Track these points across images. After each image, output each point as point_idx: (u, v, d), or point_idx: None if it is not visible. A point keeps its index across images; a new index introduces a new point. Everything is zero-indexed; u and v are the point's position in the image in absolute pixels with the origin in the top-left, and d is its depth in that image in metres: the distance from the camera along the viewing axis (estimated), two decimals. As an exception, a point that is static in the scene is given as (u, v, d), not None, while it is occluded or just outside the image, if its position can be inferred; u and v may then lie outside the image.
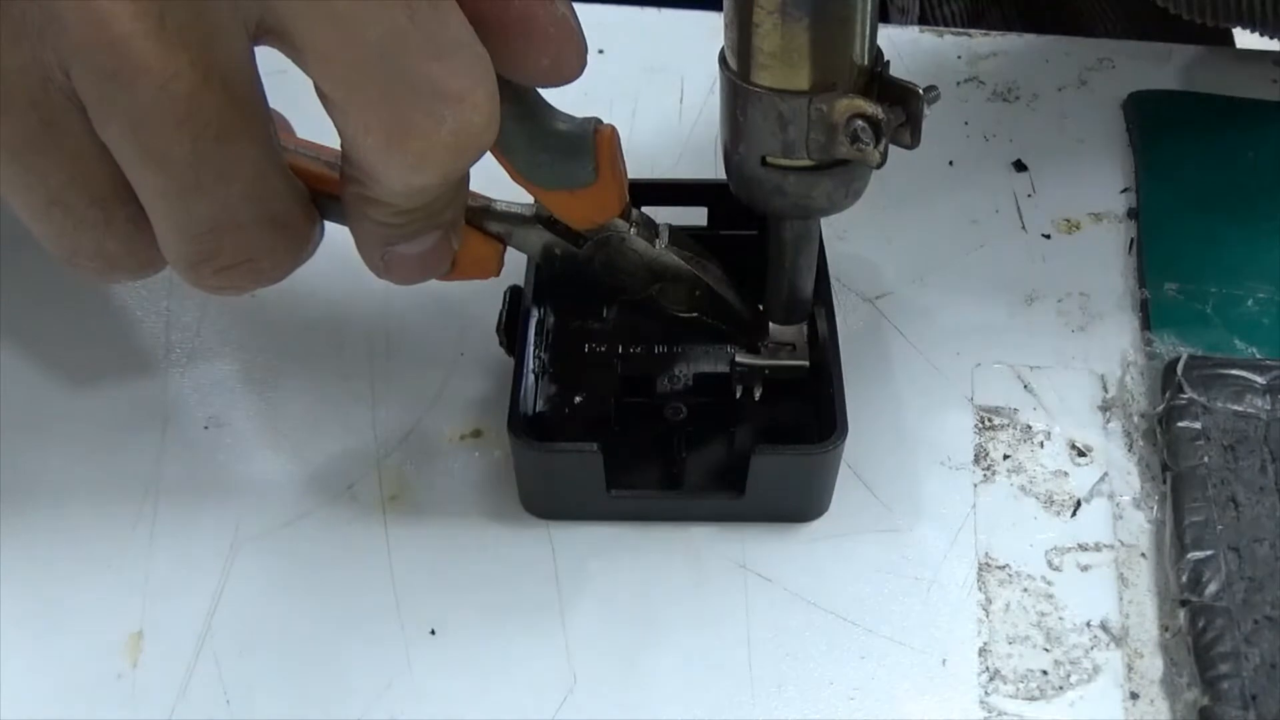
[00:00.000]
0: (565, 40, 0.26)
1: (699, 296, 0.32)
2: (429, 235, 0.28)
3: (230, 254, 0.26)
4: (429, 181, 0.26)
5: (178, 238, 0.26)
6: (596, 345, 0.35)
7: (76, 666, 0.29)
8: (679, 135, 0.43)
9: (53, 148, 0.24)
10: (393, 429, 0.34)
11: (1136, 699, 0.29)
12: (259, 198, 0.26)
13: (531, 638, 0.30)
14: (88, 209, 0.25)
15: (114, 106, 0.23)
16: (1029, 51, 0.46)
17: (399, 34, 0.23)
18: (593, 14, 0.47)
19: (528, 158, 0.28)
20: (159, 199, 0.25)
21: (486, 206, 0.31)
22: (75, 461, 0.33)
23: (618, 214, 0.30)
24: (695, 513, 0.32)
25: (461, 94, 0.24)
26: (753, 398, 0.33)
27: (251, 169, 0.25)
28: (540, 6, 0.25)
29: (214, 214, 0.25)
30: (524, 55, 0.26)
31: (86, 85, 0.23)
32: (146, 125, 0.24)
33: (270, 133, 0.26)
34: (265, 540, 0.32)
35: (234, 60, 0.24)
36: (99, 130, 0.24)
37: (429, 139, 0.25)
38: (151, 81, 0.23)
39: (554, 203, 0.30)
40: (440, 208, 0.28)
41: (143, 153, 0.24)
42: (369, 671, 0.29)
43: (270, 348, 0.36)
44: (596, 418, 0.33)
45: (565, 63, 0.26)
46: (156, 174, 0.25)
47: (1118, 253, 0.39)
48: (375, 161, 0.25)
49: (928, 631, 0.30)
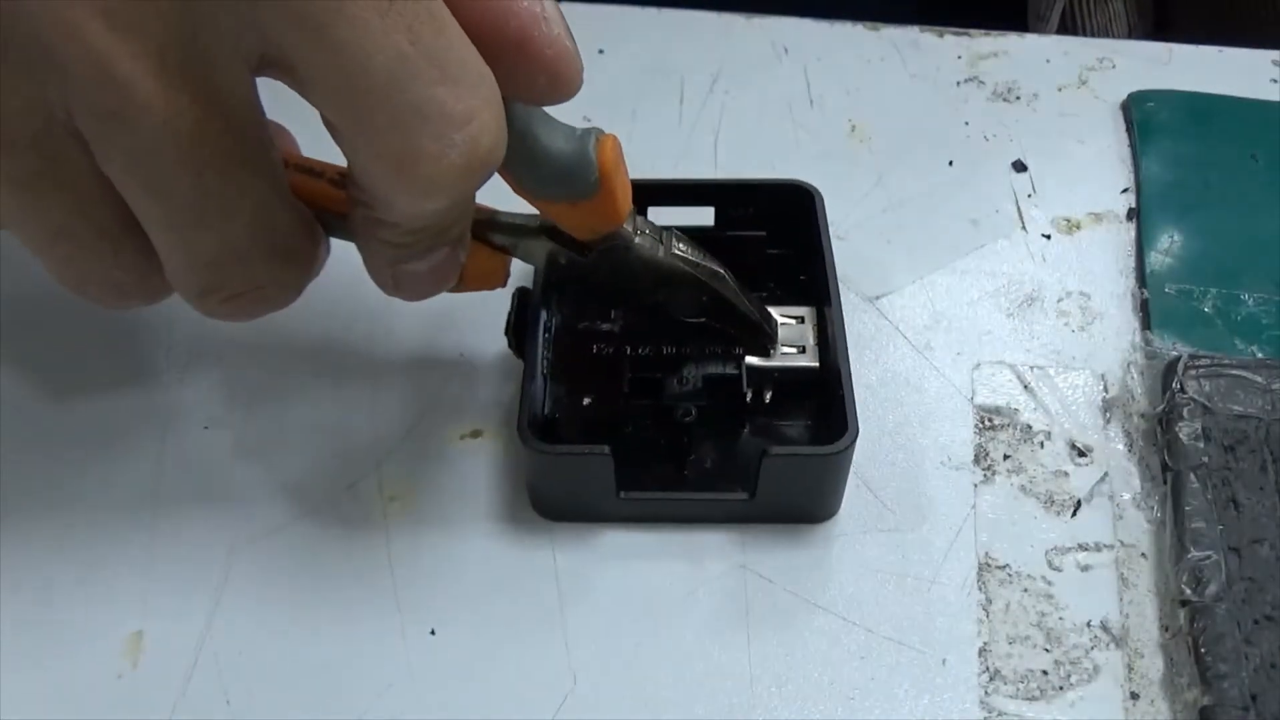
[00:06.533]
0: (562, 60, 0.26)
1: (707, 302, 0.32)
2: (437, 252, 0.28)
3: (237, 284, 0.27)
4: (440, 205, 0.26)
5: (184, 269, 0.26)
6: (605, 346, 0.35)
7: (76, 667, 0.29)
8: (679, 135, 0.43)
9: (58, 183, 0.24)
10: (393, 429, 0.34)
11: (1136, 699, 0.29)
12: (264, 228, 0.26)
13: (531, 638, 0.30)
14: (95, 241, 0.26)
15: (116, 144, 0.23)
16: (1029, 51, 0.46)
17: (402, 59, 0.23)
18: (593, 14, 0.47)
19: (529, 171, 0.28)
20: (164, 232, 0.25)
21: (491, 218, 0.31)
22: (76, 462, 0.33)
23: (621, 223, 0.30)
24: (705, 514, 0.32)
25: (468, 116, 0.24)
26: (763, 400, 0.33)
27: (256, 201, 0.25)
28: (536, 28, 0.25)
29: (219, 246, 0.26)
30: (522, 75, 0.26)
31: (88, 123, 0.23)
32: (149, 161, 0.24)
33: (274, 162, 0.26)
34: (265, 541, 0.32)
35: (236, 94, 0.24)
36: (102, 165, 0.24)
37: (438, 164, 0.24)
38: (153, 119, 0.23)
39: (557, 214, 0.30)
40: (448, 225, 0.28)
41: (146, 187, 0.24)
42: (369, 671, 0.29)
43: (270, 348, 0.36)
44: (605, 419, 0.33)
45: (562, 81, 0.26)
46: (161, 208, 0.25)
47: (1118, 253, 0.39)
48: (384, 188, 0.25)
49: (928, 631, 0.30)
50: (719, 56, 0.46)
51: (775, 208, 0.36)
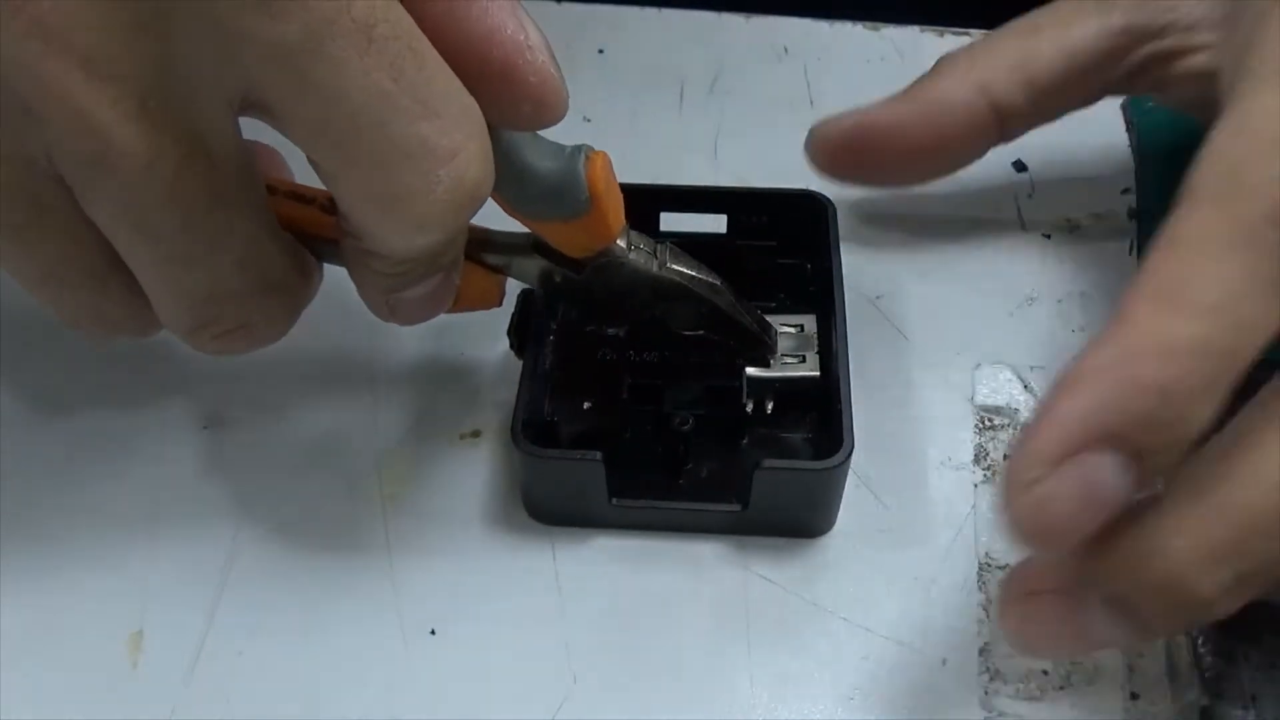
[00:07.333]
0: (547, 87, 0.25)
1: (704, 314, 0.31)
2: (431, 279, 0.28)
3: (227, 320, 0.27)
4: (430, 241, 0.26)
5: (173, 307, 0.26)
6: (607, 352, 0.34)
7: (76, 666, 0.29)
8: (679, 136, 0.43)
9: (43, 226, 0.24)
10: (393, 428, 0.34)
11: (1137, 699, 0.29)
12: (252, 265, 0.26)
13: (531, 638, 0.30)
14: (84, 280, 0.26)
15: (99, 189, 0.23)
16: (1029, 51, 0.46)
17: (384, 97, 0.23)
18: (593, 14, 0.47)
19: (519, 193, 0.28)
20: (151, 271, 0.25)
21: (484, 238, 0.31)
22: (76, 462, 0.33)
23: (614, 240, 0.30)
24: (698, 524, 0.32)
25: (454, 151, 0.24)
26: (764, 410, 0.33)
27: (243, 238, 0.25)
28: (520, 56, 0.25)
29: (208, 284, 0.26)
30: (507, 104, 0.25)
31: (70, 170, 0.23)
32: (133, 205, 0.23)
33: (260, 198, 0.26)
34: (265, 540, 0.32)
35: (218, 135, 0.24)
36: (86, 209, 0.24)
37: (425, 200, 0.24)
38: (135, 164, 0.23)
39: (549, 232, 0.29)
40: (440, 254, 0.28)
41: (131, 230, 0.24)
42: (369, 671, 0.29)
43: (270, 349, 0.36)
44: (603, 425, 0.33)
45: (547, 108, 0.26)
46: (147, 249, 0.25)
47: (1118, 253, 0.39)
48: (373, 226, 0.25)
49: (928, 631, 0.30)
50: (719, 56, 0.46)
51: (788, 216, 0.36)
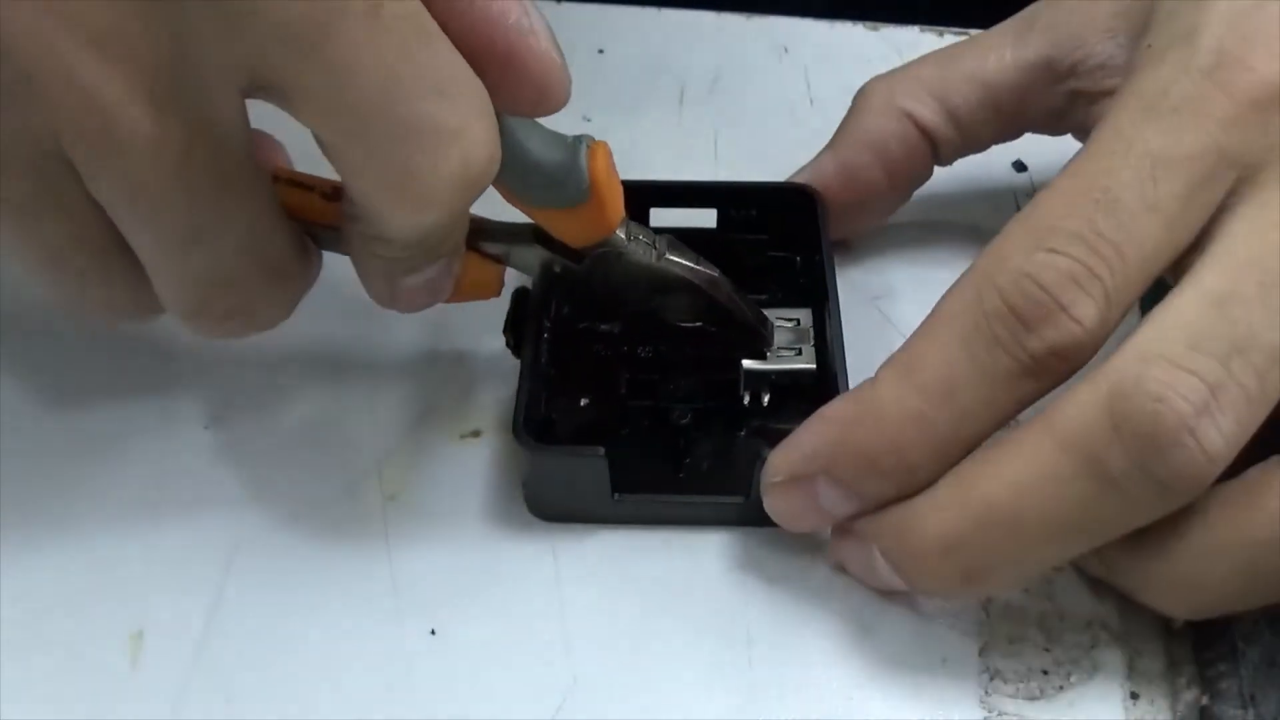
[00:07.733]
0: (550, 73, 0.26)
1: (702, 306, 0.32)
2: (432, 266, 0.28)
3: (228, 304, 0.27)
4: (435, 220, 0.26)
5: (174, 290, 0.26)
6: (604, 347, 0.35)
7: (77, 667, 0.29)
8: (679, 135, 0.43)
9: (49, 207, 0.24)
10: (392, 428, 0.34)
11: (1136, 699, 0.29)
12: (254, 249, 0.26)
13: (531, 637, 0.30)
14: (88, 262, 0.26)
15: (104, 169, 0.23)
16: (1029, 51, 0.46)
17: (393, 76, 0.23)
18: (593, 14, 0.47)
19: (519, 179, 0.28)
20: (154, 254, 0.25)
21: (483, 227, 0.31)
22: (76, 463, 0.33)
23: (614, 230, 0.30)
24: (700, 516, 0.32)
25: (460, 129, 0.24)
26: (761, 403, 0.33)
27: (246, 222, 0.25)
28: (524, 42, 0.25)
29: (209, 268, 0.26)
30: (509, 89, 0.26)
31: (76, 150, 0.23)
32: (138, 187, 0.23)
33: (264, 183, 0.26)
34: (265, 540, 0.32)
35: (225, 118, 0.24)
36: (91, 189, 0.24)
37: (432, 178, 0.24)
38: (141, 145, 0.23)
39: (548, 221, 0.30)
40: (443, 239, 0.28)
41: (135, 212, 0.24)
42: (369, 671, 0.29)
43: (270, 348, 0.36)
44: (602, 420, 0.33)
45: (550, 94, 0.26)
46: (150, 231, 0.25)
47: (1118, 253, 0.39)
48: (379, 204, 0.25)
49: (928, 632, 0.30)
50: (719, 56, 0.46)
51: (778, 210, 0.36)
